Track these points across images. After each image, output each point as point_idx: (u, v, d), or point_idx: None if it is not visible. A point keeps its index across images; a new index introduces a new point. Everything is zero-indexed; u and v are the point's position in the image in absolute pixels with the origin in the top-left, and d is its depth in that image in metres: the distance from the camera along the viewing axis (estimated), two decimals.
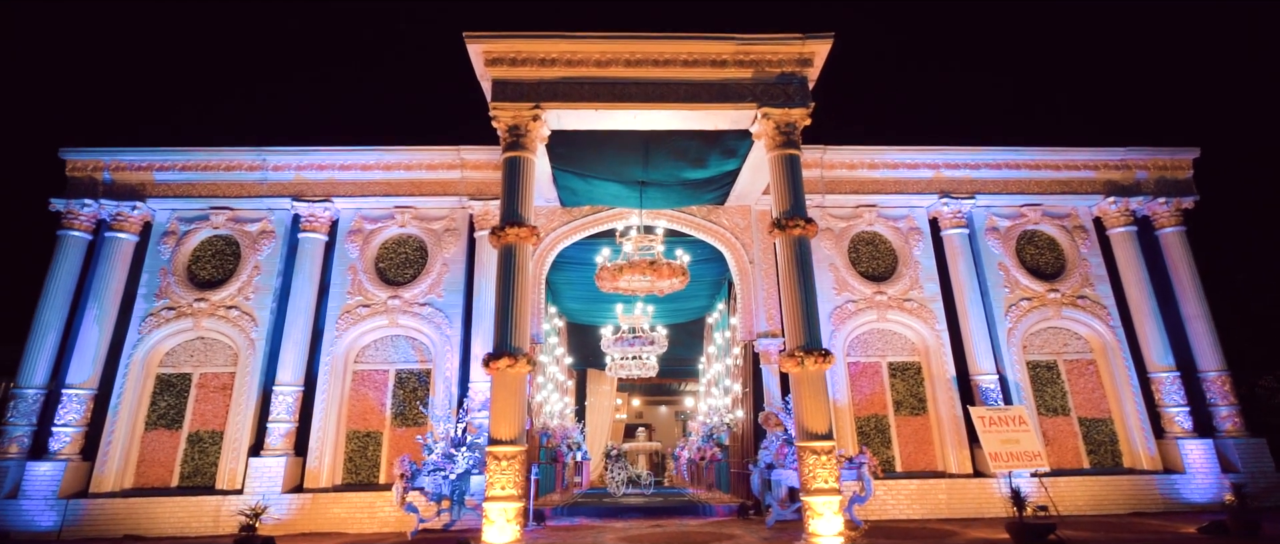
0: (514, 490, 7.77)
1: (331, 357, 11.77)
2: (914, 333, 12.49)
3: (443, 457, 10.01)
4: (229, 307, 11.97)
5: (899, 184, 12.99)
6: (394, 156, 12.59)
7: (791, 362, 8.33)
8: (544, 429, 13.59)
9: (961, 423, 11.72)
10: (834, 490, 7.89)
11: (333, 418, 11.55)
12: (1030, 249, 13.07)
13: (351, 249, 12.46)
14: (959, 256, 12.60)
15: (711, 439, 14.60)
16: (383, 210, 12.70)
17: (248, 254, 12.32)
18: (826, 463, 7.90)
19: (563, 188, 11.78)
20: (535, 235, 8.87)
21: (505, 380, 8.14)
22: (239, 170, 12.54)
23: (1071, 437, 12.04)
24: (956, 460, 11.53)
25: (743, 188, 12.07)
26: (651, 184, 11.38)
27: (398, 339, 12.27)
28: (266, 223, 12.55)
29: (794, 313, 8.53)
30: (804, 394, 8.22)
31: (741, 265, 12.69)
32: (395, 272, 12.52)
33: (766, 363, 11.99)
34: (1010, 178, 13.12)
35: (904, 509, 10.97)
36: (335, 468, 11.43)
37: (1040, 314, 12.47)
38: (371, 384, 12.00)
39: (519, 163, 9.14)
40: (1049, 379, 12.38)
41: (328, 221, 12.51)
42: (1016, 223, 13.08)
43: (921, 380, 12.32)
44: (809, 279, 8.71)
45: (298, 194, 12.46)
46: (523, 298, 8.56)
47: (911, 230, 12.97)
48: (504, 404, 8.04)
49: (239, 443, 11.19)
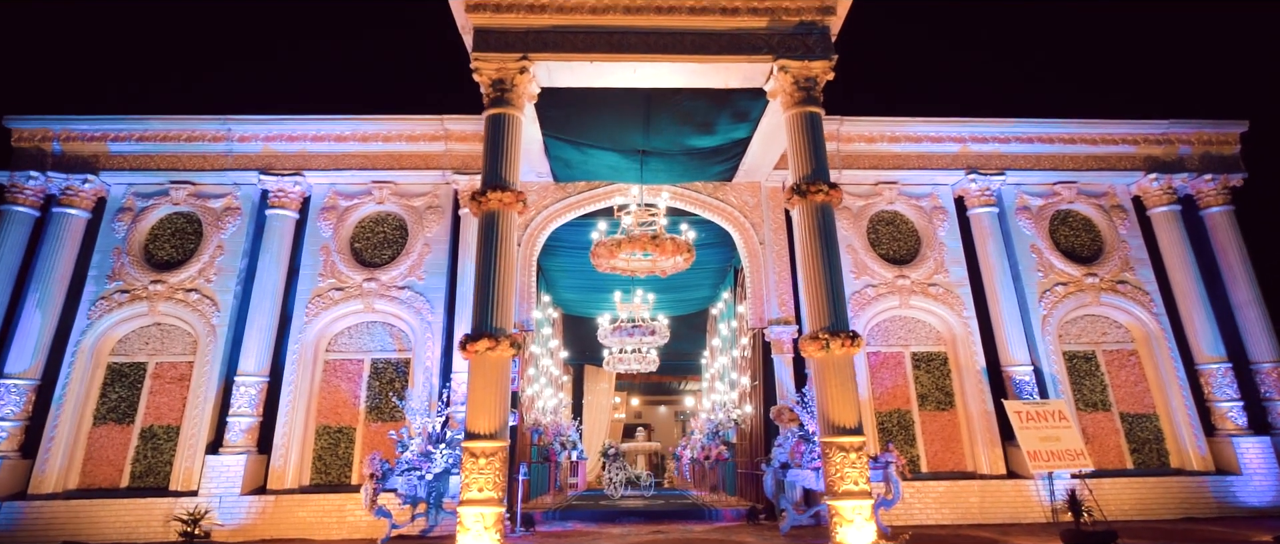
0: (493, 492, 6.70)
1: (300, 345, 10.69)
2: (939, 320, 11.43)
3: (419, 454, 8.94)
4: (189, 289, 10.89)
5: (922, 159, 11.94)
6: (372, 126, 11.52)
7: (814, 345, 7.26)
8: (535, 425, 12.52)
9: (993, 418, 10.66)
10: (864, 493, 6.83)
11: (300, 412, 10.47)
12: (1064, 230, 12.02)
13: (324, 227, 11.38)
14: (988, 237, 11.55)
15: (717, 437, 13.54)
16: (359, 185, 11.62)
17: (211, 233, 11.24)
18: (856, 462, 6.84)
19: (556, 159, 10.71)
20: (521, 201, 7.80)
21: (485, 366, 7.07)
22: (202, 141, 11.46)
23: (1113, 434, 10.99)
24: (988, 460, 10.46)
25: (753, 161, 11.00)
26: (653, 154, 10.32)
27: (374, 326, 11.19)
28: (231, 199, 11.47)
29: (817, 290, 7.47)
30: (829, 382, 7.16)
31: (751, 247, 11.62)
32: (372, 252, 11.44)
33: (778, 353, 10.93)
34: (1043, 153, 12.07)
35: (932, 514, 9.90)
36: (302, 467, 10.35)
37: (1076, 300, 11.42)
38: (344, 375, 10.91)
39: (503, 121, 8.07)
40: (1087, 371, 11.32)
41: (299, 197, 11.43)
42: (1049, 202, 12.03)
43: (948, 372, 11.26)
44: (833, 252, 7.65)
45: (266, 167, 11.38)
46: (506, 272, 7.50)
47: (935, 209, 11.91)
48: (483, 393, 6.97)
49: (196, 439, 10.11)
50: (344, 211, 11.50)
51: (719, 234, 12.86)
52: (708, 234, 12.74)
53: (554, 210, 11.61)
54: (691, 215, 11.71)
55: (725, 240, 13.26)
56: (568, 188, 11.68)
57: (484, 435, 6.84)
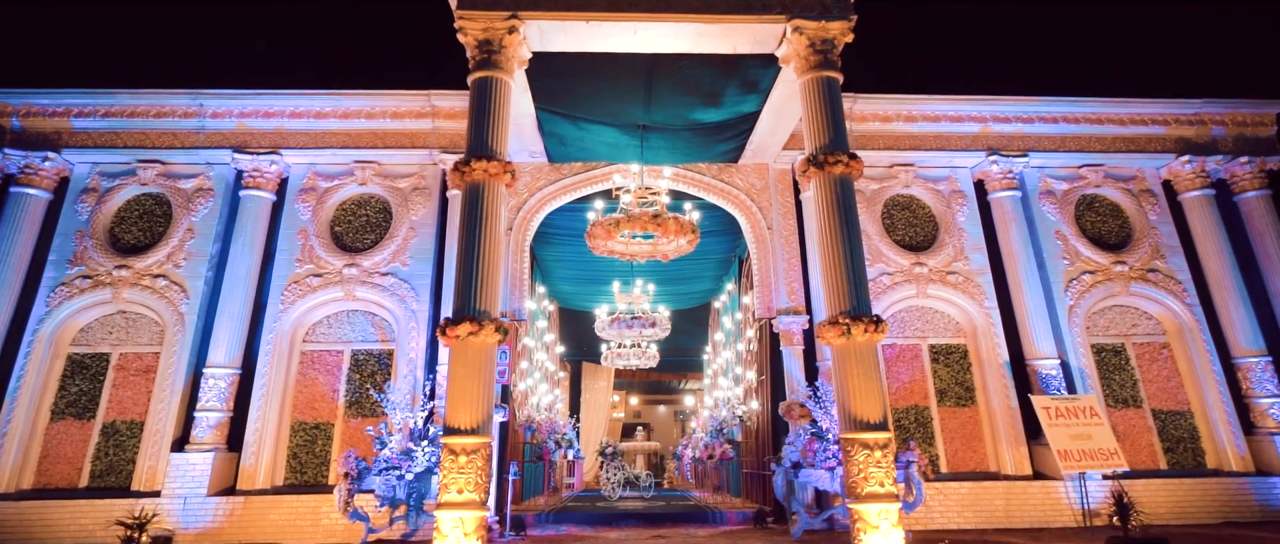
0: (474, 494, 5.98)
1: (275, 335, 9.96)
2: (959, 310, 10.71)
3: (400, 453, 8.20)
4: (156, 275, 10.15)
5: (940, 140, 11.23)
6: (354, 102, 10.79)
7: (834, 331, 6.54)
8: (529, 422, 11.79)
9: (1017, 415, 9.95)
10: (891, 496, 6.11)
11: (274, 406, 9.74)
12: (1090, 216, 11.32)
13: (303, 210, 10.64)
14: (1011, 223, 10.84)
15: (721, 435, 12.82)
16: (340, 166, 10.89)
17: (180, 215, 10.50)
18: (882, 461, 6.12)
19: (550, 135, 9.98)
20: (508, 172, 7.07)
21: (467, 353, 6.35)
22: (172, 117, 10.73)
23: (1145, 432, 10.28)
24: (1013, 459, 9.75)
25: (761, 139, 10.29)
26: (655, 130, 9.60)
27: (355, 315, 10.46)
28: (203, 179, 10.73)
29: (836, 271, 6.76)
30: (851, 373, 6.44)
31: (758, 232, 10.90)
32: (353, 236, 10.71)
33: (787, 345, 10.21)
34: (1067, 134, 11.36)
35: (954, 517, 9.19)
36: (276, 465, 9.62)
37: (1105, 290, 10.71)
38: (322, 367, 10.18)
39: (490, 85, 7.34)
40: (1116, 365, 10.61)
41: (275, 178, 10.70)
42: (1075, 185, 11.32)
43: (968, 366, 10.55)
44: (854, 229, 6.93)
45: (240, 145, 10.65)
46: (492, 251, 6.77)
47: (954, 193, 11.20)
48: (464, 383, 6.24)
49: (161, 436, 9.38)
50: (324, 193, 10.77)
51: (723, 221, 12.15)
52: (711, 221, 12.02)
53: (548, 193, 10.89)
54: (695, 199, 10.99)
55: (730, 228, 12.56)
56: (563, 169, 10.95)
57: (465, 430, 6.11)
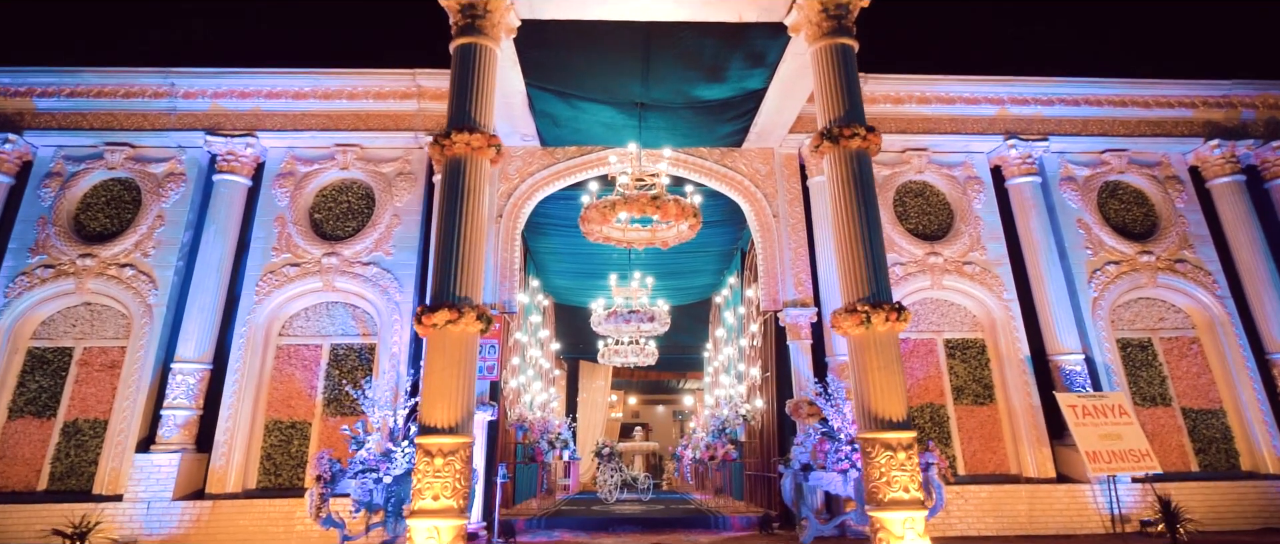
0: (453, 500, 5.37)
1: (249, 327, 9.34)
2: (976, 303, 10.11)
3: (378, 454, 7.58)
4: (123, 264, 9.53)
5: (955, 123, 10.63)
6: (334, 82, 10.18)
7: (851, 320, 5.94)
8: (520, 421, 11.18)
9: (1039, 414, 9.35)
10: (917, 502, 5.50)
11: (247, 404, 9.12)
12: (1113, 203, 10.72)
13: (280, 196, 10.03)
14: (1030, 210, 10.24)
15: (723, 435, 12.22)
16: (320, 149, 10.28)
17: (150, 201, 9.88)
18: (907, 463, 5.52)
19: (542, 115, 9.37)
20: (494, 147, 6.46)
21: (445, 343, 5.74)
22: (142, 98, 10.12)
23: (1174, 432, 9.67)
24: (1035, 461, 9.15)
25: (767, 120, 9.68)
26: (654, 108, 8.99)
27: (334, 307, 9.84)
28: (175, 163, 10.12)
29: (853, 255, 6.16)
30: (870, 366, 5.84)
31: (763, 220, 10.30)
32: (334, 224, 10.09)
33: (795, 339, 9.61)
34: (1090, 117, 10.77)
35: (974, 523, 8.59)
36: (248, 467, 9.00)
37: (1130, 281, 10.11)
38: (299, 362, 9.56)
39: (474, 52, 6.72)
40: (1144, 361, 10.01)
41: (251, 162, 10.09)
42: (1097, 172, 10.72)
43: (986, 361, 9.95)
44: (872, 208, 6.33)
45: (214, 127, 10.04)
46: (474, 232, 6.16)
47: (970, 180, 10.60)
48: (442, 376, 5.64)
49: (126, 435, 8.76)
50: (302, 178, 10.15)
51: (725, 211, 11.58)
52: (713, 211, 11.44)
53: (541, 178, 10.28)
54: (696, 185, 10.37)
55: (732, 219, 11.99)
56: (557, 153, 10.34)
57: (443, 429, 5.51)
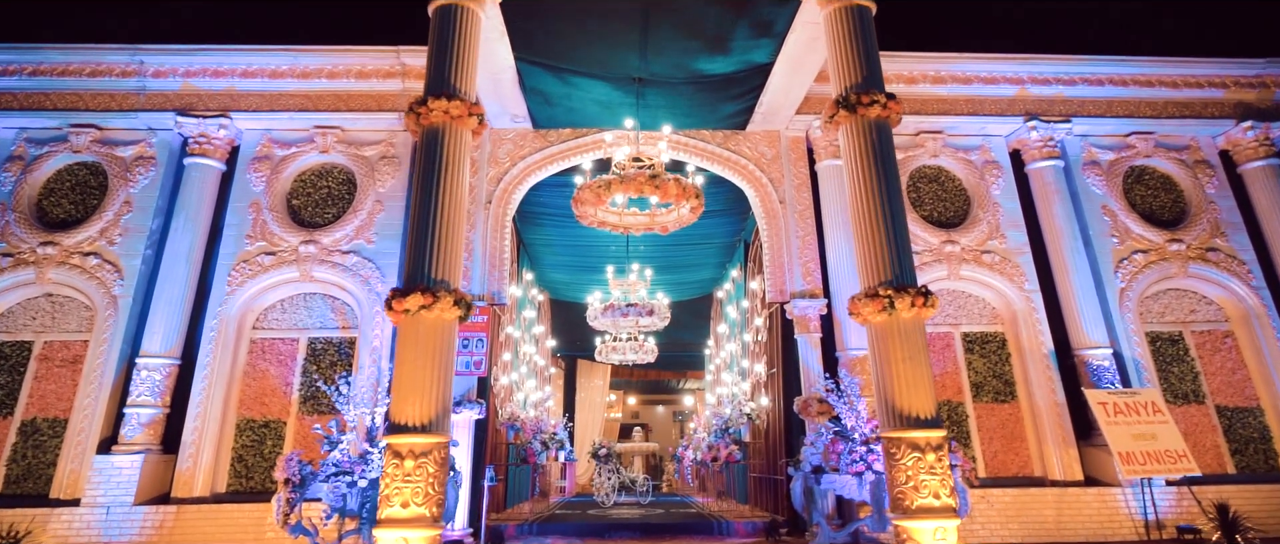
0: (424, 508, 4.77)
1: (220, 320, 8.75)
2: (995, 294, 9.52)
3: (354, 455, 6.98)
4: (87, 253, 8.94)
5: (972, 104, 10.04)
6: (313, 60, 9.59)
7: (872, 306, 5.35)
8: (511, 421, 10.58)
9: (1065, 412, 8.76)
10: (949, 509, 4.90)
11: (217, 402, 8.52)
12: (1139, 189, 10.12)
13: (255, 180, 9.44)
14: (1053, 196, 9.64)
15: (727, 435, 11.62)
16: (299, 131, 9.68)
17: (117, 186, 9.29)
18: (937, 465, 4.93)
19: (533, 93, 8.78)
20: (475, 116, 5.87)
21: (418, 331, 5.15)
22: (109, 76, 9.53)
23: (1208, 431, 9.07)
24: (1061, 462, 8.55)
25: (773, 100, 9.10)
26: (653, 84, 8.40)
27: (313, 298, 9.25)
28: (144, 146, 9.53)
29: (874, 235, 5.57)
30: (894, 357, 5.24)
31: (768, 207, 9.70)
32: (312, 211, 9.50)
33: (803, 332, 9.01)
34: (1115, 97, 10.18)
35: (997, 529, 7.98)
36: (217, 470, 8.40)
37: (1159, 271, 9.52)
38: (274, 357, 8.97)
39: (454, 13, 6.13)
40: (1174, 356, 9.41)
41: (225, 145, 9.50)
42: (1122, 155, 10.13)
43: (1007, 356, 9.35)
44: (893, 182, 5.74)
45: (186, 108, 9.45)
46: (453, 208, 5.57)
47: (987, 164, 10.01)
48: (414, 368, 5.05)
49: (87, 435, 8.17)
50: (279, 162, 9.56)
51: (728, 200, 11.01)
52: (715, 200, 10.86)
53: (533, 162, 9.68)
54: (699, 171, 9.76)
55: (735, 208, 11.42)
56: (550, 136, 9.75)
57: (414, 427, 4.91)
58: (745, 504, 10.95)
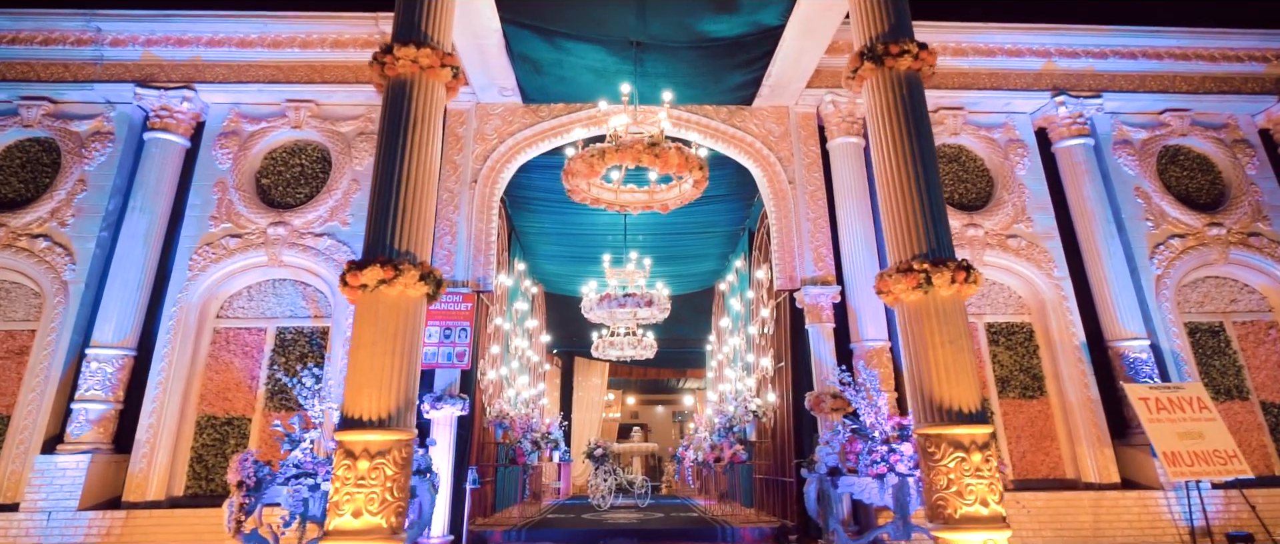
0: (380, 518, 4.05)
1: (180, 308, 8.03)
2: (1022, 282, 8.82)
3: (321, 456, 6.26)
4: (36, 235, 8.22)
5: (995, 78, 9.35)
6: (285, 27, 8.88)
7: (906, 282, 4.64)
8: (501, 418, 9.86)
9: (1099, 409, 8.07)
10: (998, 519, 4.19)
11: (175, 396, 7.80)
12: (1174, 170, 9.43)
13: (221, 157, 8.72)
14: (1082, 176, 8.95)
15: (731, 434, 10.91)
16: (269, 105, 8.97)
17: (71, 163, 8.57)
18: (984, 467, 4.22)
19: (521, 61, 8.07)
20: (449, 68, 5.16)
21: (377, 310, 4.44)
22: (62, 45, 8.81)
23: (1254, 429, 8.37)
24: (1096, 464, 7.85)
25: (782, 70, 8.40)
26: (652, 48, 7.69)
27: (282, 284, 8.53)
28: (102, 121, 8.81)
29: (905, 203, 4.87)
30: (932, 341, 4.53)
31: (777, 187, 9.00)
32: (283, 190, 8.79)
33: (815, 322, 8.30)
34: (1148, 72, 9.49)
35: (1029, 535, 7.28)
36: (175, 471, 7.68)
37: (1198, 257, 8.82)
38: (239, 348, 8.25)
39: None
40: (1215, 348, 8.72)
41: (189, 119, 8.79)
42: (1156, 134, 9.44)
43: (1035, 349, 8.66)
44: (926, 143, 5.05)
45: (146, 79, 8.74)
46: (422, 173, 4.87)
47: (1011, 143, 9.32)
48: (371, 354, 4.34)
49: (31, 433, 7.45)
50: (248, 138, 8.84)
51: (731, 184, 10.34)
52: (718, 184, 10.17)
53: (523, 138, 8.97)
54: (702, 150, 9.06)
55: (739, 193, 10.75)
56: (540, 111, 9.04)
57: (371, 423, 4.20)
58: (750, 508, 10.24)
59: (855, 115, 8.94)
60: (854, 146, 8.86)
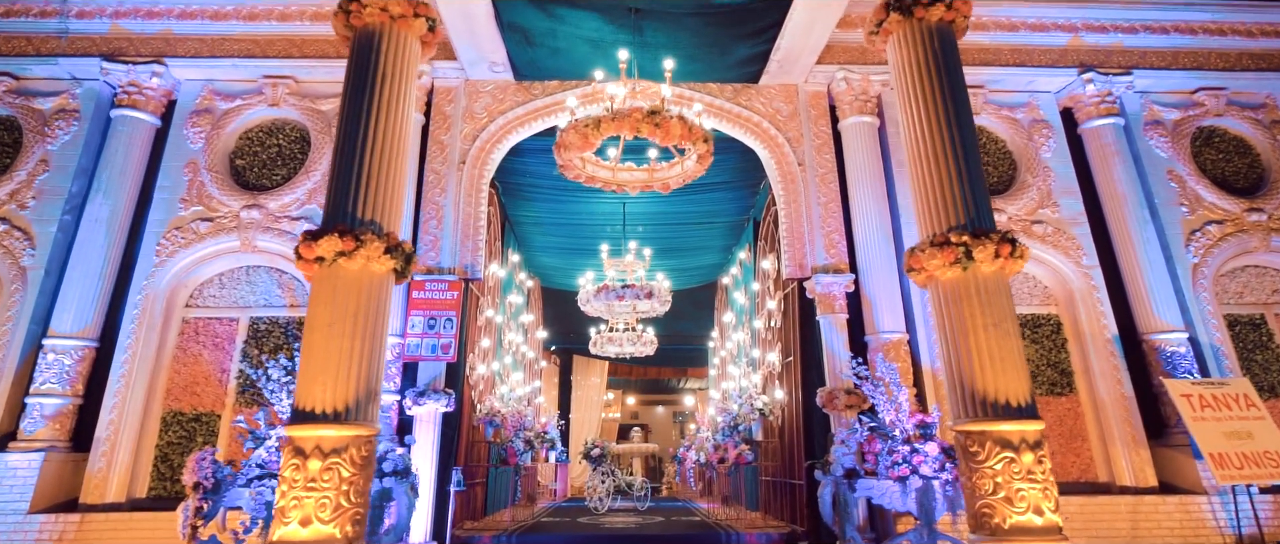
0: (333, 527, 3.48)
1: (146, 296, 7.48)
2: (1048, 271, 8.25)
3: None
4: None
5: (1018, 54, 8.78)
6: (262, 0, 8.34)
7: (942, 257, 4.08)
8: (490, 416, 9.30)
9: (1134, 406, 7.49)
10: (1054, 529, 3.63)
11: (139, 391, 7.25)
12: (1209, 152, 8.86)
13: (193, 137, 8.18)
14: (1112, 158, 8.39)
15: (736, 433, 10.34)
16: (245, 82, 8.44)
17: (33, 142, 8.04)
18: (1036, 469, 3.66)
19: (511, 32, 7.51)
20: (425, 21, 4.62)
21: (334, 286, 3.89)
22: (25, 16, 8.28)
23: None
24: (1131, 466, 7.27)
25: (791, 45, 7.84)
26: (653, 15, 7.14)
27: (257, 272, 7.99)
28: (67, 98, 8.28)
29: (939, 169, 4.32)
30: (973, 324, 3.97)
31: (785, 170, 8.44)
32: (260, 172, 8.25)
33: (826, 312, 7.73)
34: (1181, 48, 8.92)
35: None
36: (137, 471, 7.13)
37: (1237, 244, 8.25)
38: (210, 339, 7.70)
39: None
40: (1257, 342, 8.13)
41: (160, 96, 8.26)
42: (1189, 114, 8.87)
43: (1063, 342, 8.08)
44: (962, 103, 4.49)
45: (114, 53, 8.21)
46: (392, 134, 4.32)
47: (1035, 123, 8.76)
48: (329, 336, 3.79)
49: None
50: (222, 116, 8.31)
51: (735, 170, 9.80)
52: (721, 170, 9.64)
53: (515, 117, 8.42)
54: None
55: (743, 180, 10.21)
56: (533, 88, 8.49)
57: (325, 416, 3.64)
58: (756, 511, 9.67)
59: (869, 93, 8.39)
60: (868, 126, 8.32)
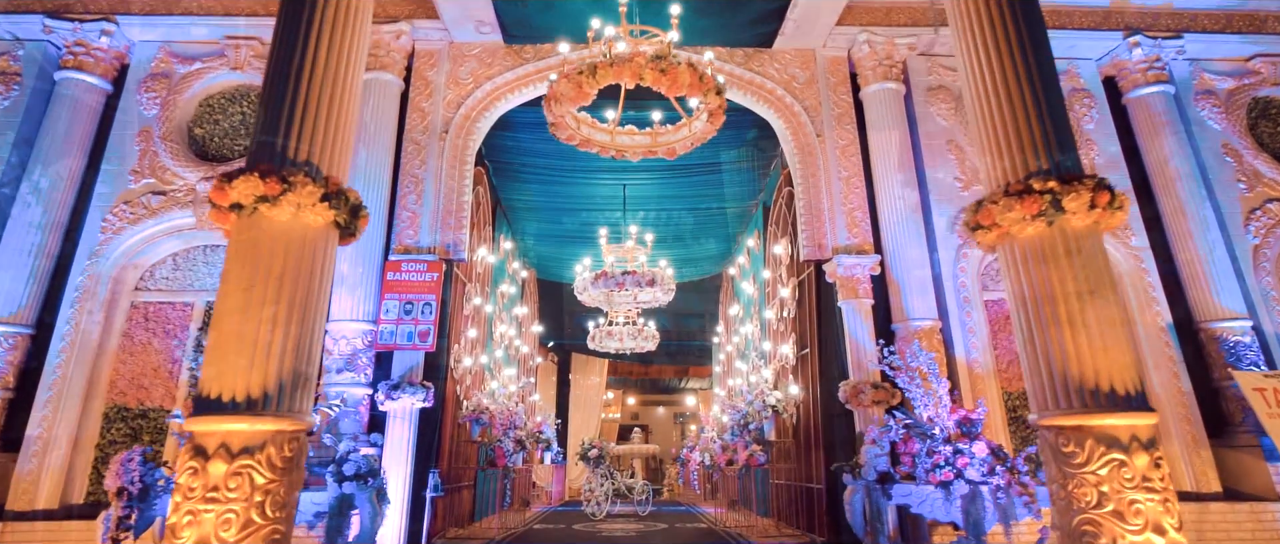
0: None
1: (89, 277, 6.69)
2: None
3: None
4: None
5: (1056, 15, 7.99)
6: None
7: (1021, 209, 3.27)
8: (478, 413, 8.49)
9: (1193, 403, 6.70)
10: None
11: (79, 382, 6.45)
12: (1265, 125, 8.09)
13: (147, 103, 7.39)
14: (1162, 130, 7.62)
15: (746, 432, 9.54)
16: (206, 44, 7.65)
17: None
18: (1152, 475, 2.82)
19: None
20: None
21: (254, 240, 3.07)
22: None
23: None
24: (1192, 469, 6.48)
25: (809, 3, 7.06)
26: None
27: (215, 252, 7.19)
28: (8, 60, 7.48)
29: (1009, 105, 3.54)
30: (1063, 291, 3.13)
31: (802, 141, 7.65)
32: (221, 141, 7.46)
33: (849, 297, 6.94)
34: (1235, 10, 8.15)
35: None
36: (73, 474, 6.31)
37: None
38: (161, 325, 6.89)
39: None
40: None
41: (110, 59, 7.48)
42: (1244, 83, 8.10)
43: None
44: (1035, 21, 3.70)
45: (59, 10, 7.43)
46: (342, 55, 3.55)
47: (1075, 92, 7.98)
48: (247, 303, 2.97)
49: None
50: (180, 81, 7.51)
51: (743, 149, 9.03)
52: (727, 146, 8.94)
53: (504, 83, 7.64)
54: None
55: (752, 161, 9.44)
56: (524, 51, 7.71)
57: (235, 405, 2.84)
58: (768, 518, 8.87)
59: (894, 58, 7.62)
60: (892, 93, 7.55)
